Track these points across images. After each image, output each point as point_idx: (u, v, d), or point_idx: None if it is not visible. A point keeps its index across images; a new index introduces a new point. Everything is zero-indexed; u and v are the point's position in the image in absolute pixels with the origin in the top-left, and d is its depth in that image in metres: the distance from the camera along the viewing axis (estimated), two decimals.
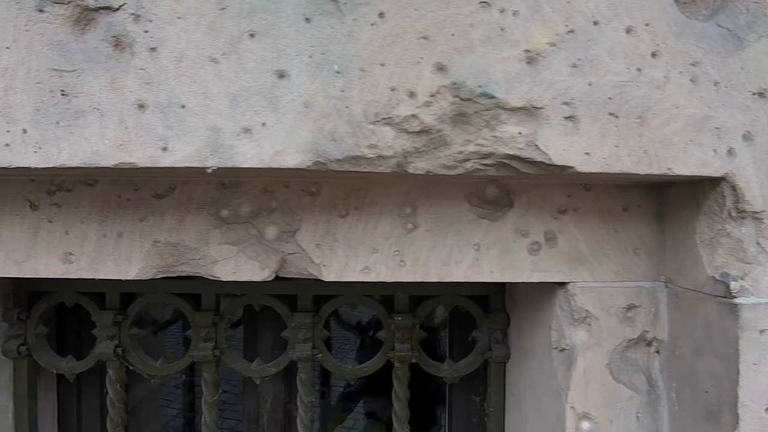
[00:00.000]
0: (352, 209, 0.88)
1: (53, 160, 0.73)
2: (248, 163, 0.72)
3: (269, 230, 0.89)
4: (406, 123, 0.73)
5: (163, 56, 0.73)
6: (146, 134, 0.72)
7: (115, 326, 1.20)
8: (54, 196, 0.89)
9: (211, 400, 1.23)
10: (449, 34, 0.73)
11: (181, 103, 0.72)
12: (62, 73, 0.73)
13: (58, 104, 0.73)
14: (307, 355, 1.18)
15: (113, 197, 0.89)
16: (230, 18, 0.73)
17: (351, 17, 0.73)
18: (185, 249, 0.89)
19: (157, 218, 0.88)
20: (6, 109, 0.74)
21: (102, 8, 0.74)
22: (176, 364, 1.25)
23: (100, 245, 0.89)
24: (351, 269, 0.88)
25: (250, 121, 0.72)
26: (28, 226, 0.89)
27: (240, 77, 0.72)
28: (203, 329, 1.20)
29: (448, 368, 1.22)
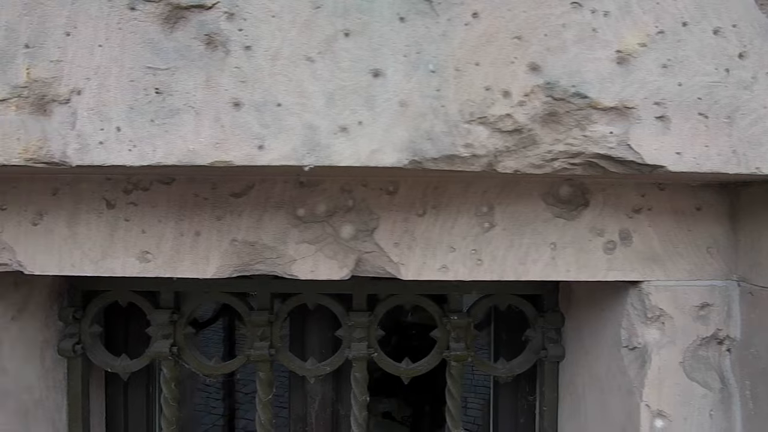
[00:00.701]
0: (429, 208, 0.88)
1: (148, 158, 0.73)
2: (345, 162, 0.72)
3: (345, 229, 0.89)
4: (500, 122, 0.73)
5: (258, 55, 0.73)
6: (242, 132, 0.72)
7: (170, 325, 1.20)
8: (130, 194, 0.89)
9: (265, 399, 1.23)
10: (542, 34, 0.74)
11: (277, 101, 0.72)
12: (156, 71, 0.73)
13: (153, 102, 0.73)
14: (363, 354, 1.19)
15: (190, 196, 0.89)
16: (325, 17, 0.73)
17: (445, 17, 0.73)
18: (262, 248, 0.89)
19: (235, 217, 0.88)
20: (99, 107, 0.74)
21: (194, 6, 0.74)
22: (231, 363, 1.25)
23: (178, 244, 0.89)
24: (429, 268, 0.88)
25: (347, 119, 0.72)
26: (104, 225, 0.89)
27: (336, 76, 0.73)
28: (259, 328, 1.20)
29: (502, 368, 1.23)
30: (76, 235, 0.90)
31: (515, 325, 1.32)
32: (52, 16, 0.75)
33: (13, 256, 0.91)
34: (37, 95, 0.75)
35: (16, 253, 0.90)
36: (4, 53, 0.75)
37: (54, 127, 0.75)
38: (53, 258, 0.90)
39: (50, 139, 0.75)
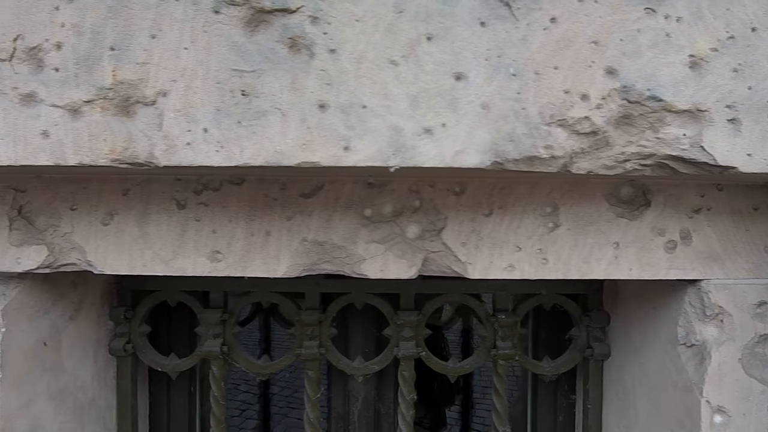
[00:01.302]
0: (496, 208, 0.90)
1: (235, 159, 0.74)
2: (429, 163, 0.74)
3: (411, 229, 0.91)
4: (578, 125, 0.75)
5: (343, 58, 0.74)
6: (328, 134, 0.74)
7: (220, 324, 1.21)
8: (201, 195, 0.90)
9: (314, 397, 1.24)
10: (618, 39, 0.76)
11: (362, 103, 0.74)
12: (242, 73, 0.75)
13: (239, 104, 0.75)
14: (412, 353, 1.20)
15: (260, 196, 0.90)
16: (408, 21, 0.75)
17: (525, 22, 0.75)
18: (332, 247, 0.90)
19: (305, 217, 0.90)
20: (186, 108, 0.75)
21: (277, 10, 0.75)
22: (280, 362, 1.26)
23: (248, 244, 0.90)
24: (495, 267, 0.90)
25: (431, 121, 0.74)
26: (175, 225, 0.90)
27: (419, 79, 0.74)
28: (309, 327, 1.21)
29: (547, 366, 1.25)
30: (146, 235, 0.91)
31: (553, 324, 1.34)
32: (137, 19, 0.76)
33: (82, 255, 0.92)
34: (122, 97, 0.76)
35: (86, 252, 0.91)
36: (90, 55, 0.76)
37: (139, 128, 0.76)
38: (124, 258, 0.91)
39: (135, 140, 0.76)
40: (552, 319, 1.34)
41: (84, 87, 0.76)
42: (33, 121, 0.76)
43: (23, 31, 0.77)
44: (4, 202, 0.92)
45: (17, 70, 0.77)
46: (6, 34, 0.77)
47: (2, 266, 0.92)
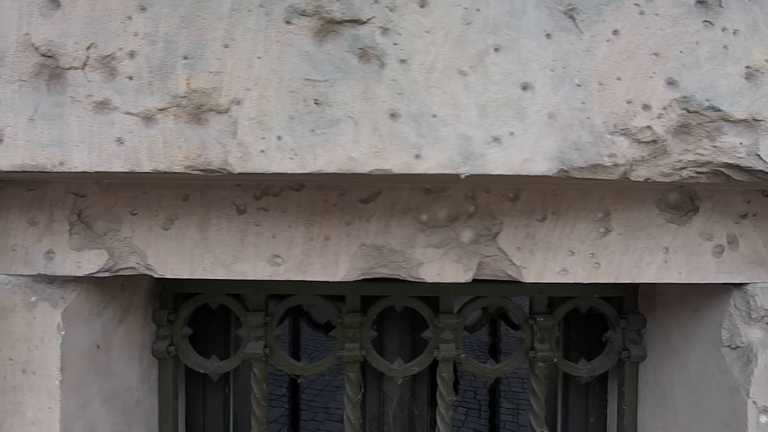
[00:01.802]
0: (549, 213, 0.92)
1: (309, 167, 0.76)
2: (498, 171, 0.76)
3: (465, 233, 0.93)
4: (640, 134, 0.78)
5: (413, 68, 0.76)
6: (400, 142, 0.76)
7: (262, 327, 1.22)
8: (261, 200, 0.92)
9: (354, 398, 1.26)
10: (678, 51, 0.78)
11: (433, 112, 0.76)
12: (315, 83, 0.76)
13: (312, 113, 0.76)
14: (452, 355, 1.22)
15: (320, 202, 0.92)
16: (476, 32, 0.77)
17: (588, 34, 0.77)
18: (389, 252, 0.92)
19: (364, 222, 0.92)
20: (260, 116, 0.77)
21: (347, 21, 0.77)
22: (321, 364, 1.27)
23: (308, 248, 0.92)
24: (549, 271, 0.92)
25: (499, 130, 0.76)
26: (235, 230, 0.92)
27: (488, 89, 0.76)
28: (350, 330, 1.23)
29: (584, 368, 1.27)
30: (207, 239, 0.92)
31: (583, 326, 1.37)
32: (209, 29, 0.77)
33: (141, 260, 0.94)
34: (195, 105, 0.77)
35: (146, 257, 0.93)
36: (163, 64, 0.78)
37: (212, 135, 0.77)
38: (184, 262, 0.92)
39: (208, 148, 0.77)
40: (582, 322, 1.37)
41: (158, 95, 0.77)
42: (107, 128, 0.78)
43: (96, 39, 0.78)
44: (64, 207, 0.93)
45: (90, 78, 0.79)
46: (79, 42, 0.79)
47: (63, 270, 0.93)
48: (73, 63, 0.79)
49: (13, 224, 0.94)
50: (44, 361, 0.94)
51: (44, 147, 0.79)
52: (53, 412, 0.93)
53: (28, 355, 0.94)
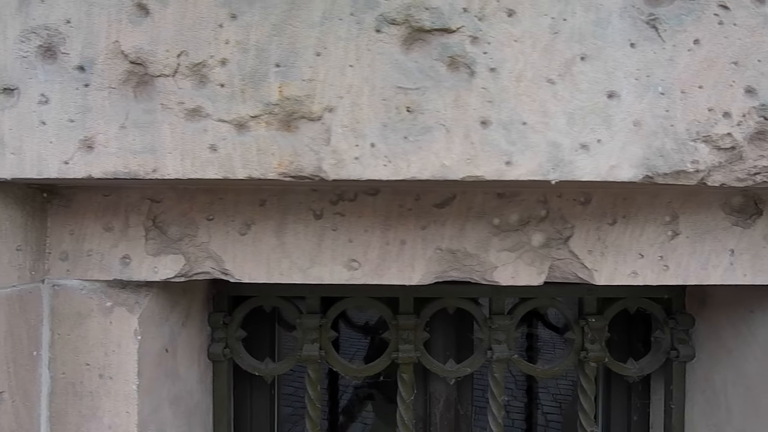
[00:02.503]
0: (619, 217, 0.94)
1: (402, 173, 0.77)
2: (586, 177, 0.78)
3: (536, 237, 0.95)
4: (720, 141, 0.80)
5: (503, 76, 0.78)
6: (491, 149, 0.77)
7: (317, 329, 1.24)
8: (337, 205, 0.93)
9: (408, 399, 1.28)
10: (756, 60, 0.81)
11: (522, 120, 0.78)
12: (407, 90, 0.78)
13: (405, 120, 0.78)
14: (505, 356, 1.24)
15: (395, 207, 0.93)
16: (563, 42, 0.78)
17: (671, 43, 0.80)
18: (463, 255, 0.94)
19: (439, 226, 0.93)
20: (353, 124, 0.78)
21: (436, 30, 0.79)
22: (375, 365, 1.29)
23: (384, 252, 0.93)
24: (620, 273, 0.94)
25: (587, 137, 0.78)
26: (312, 235, 0.93)
27: (575, 97, 0.78)
28: (405, 331, 1.25)
29: (632, 368, 1.30)
30: (284, 244, 0.93)
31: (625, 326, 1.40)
32: (301, 37, 0.79)
33: (217, 264, 0.94)
34: (287, 112, 0.79)
35: (223, 262, 0.94)
36: (255, 72, 0.79)
37: (304, 142, 0.79)
38: (261, 267, 0.93)
39: (300, 155, 0.79)
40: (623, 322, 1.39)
41: (251, 102, 0.78)
42: (200, 135, 0.79)
43: (187, 47, 0.79)
44: (140, 213, 0.94)
45: (180, 85, 0.80)
46: (170, 50, 0.79)
47: (139, 275, 0.94)
48: (164, 70, 0.80)
49: (88, 230, 0.95)
50: (121, 366, 0.94)
51: (136, 154, 0.79)
52: (131, 416, 0.94)
53: (104, 360, 0.94)
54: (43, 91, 0.81)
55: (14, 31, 0.81)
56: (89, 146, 0.80)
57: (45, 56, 0.82)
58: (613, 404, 1.45)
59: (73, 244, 0.95)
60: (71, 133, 0.80)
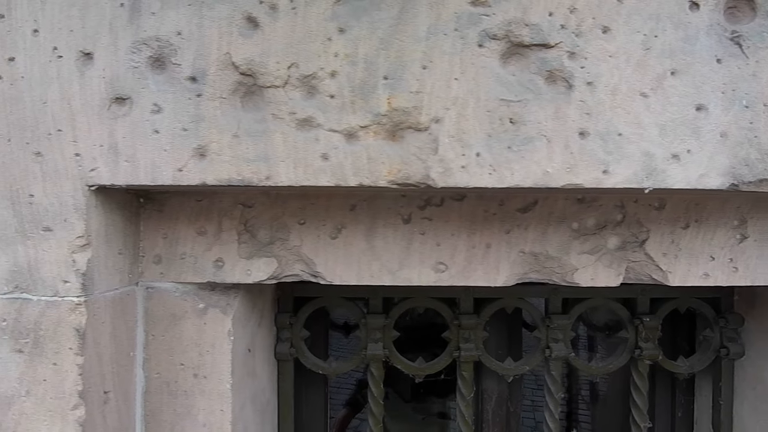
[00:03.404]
0: (692, 221, 0.99)
1: (506, 181, 0.81)
2: (677, 185, 0.82)
3: (611, 240, 0.99)
4: None
5: (599, 89, 0.82)
6: (589, 159, 0.82)
7: (381, 329, 1.27)
8: (425, 210, 0.97)
9: (468, 396, 1.32)
10: None
11: (618, 131, 0.82)
12: (509, 103, 0.82)
13: (508, 131, 0.82)
14: (563, 355, 1.29)
15: (480, 211, 0.97)
16: (654, 57, 0.83)
17: (754, 59, 0.84)
18: (545, 258, 0.98)
19: (522, 230, 0.97)
20: (459, 134, 0.82)
21: (535, 45, 0.83)
22: (436, 363, 1.33)
23: (470, 255, 0.97)
24: (692, 275, 0.99)
25: (677, 148, 0.83)
26: (401, 238, 0.97)
27: (666, 109, 0.83)
28: (466, 331, 1.29)
29: (683, 365, 1.35)
30: (373, 247, 0.97)
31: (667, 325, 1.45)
32: (408, 51, 0.82)
33: (307, 267, 0.98)
34: (394, 123, 0.82)
35: (315, 264, 0.97)
36: (365, 84, 0.82)
37: (411, 151, 0.82)
38: (352, 269, 0.97)
39: (408, 163, 0.82)
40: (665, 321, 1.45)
41: (361, 113, 0.82)
42: (312, 144, 0.82)
43: (297, 59, 0.83)
44: (232, 217, 0.97)
45: (290, 96, 0.83)
46: (280, 62, 0.83)
47: (233, 278, 0.97)
48: (275, 82, 0.83)
49: (181, 234, 0.98)
50: (215, 366, 0.97)
51: (250, 162, 0.83)
52: (225, 414, 0.97)
53: (199, 360, 0.97)
54: (156, 101, 0.84)
55: (126, 42, 0.84)
56: (202, 154, 0.83)
57: (154, 66, 0.85)
58: (657, 401, 1.51)
59: (167, 248, 0.98)
60: (185, 142, 0.83)
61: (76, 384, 0.82)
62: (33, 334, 0.83)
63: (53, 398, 0.83)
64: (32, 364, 0.83)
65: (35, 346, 0.83)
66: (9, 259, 0.84)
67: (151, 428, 0.98)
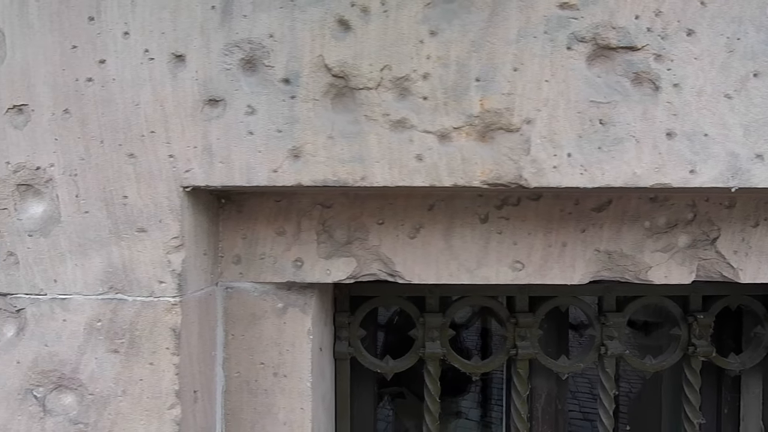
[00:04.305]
0: (762, 220, 1.01)
1: (598, 181, 0.83)
2: (762, 184, 0.84)
3: (682, 239, 1.01)
4: None
5: (685, 91, 0.84)
6: (677, 159, 0.84)
7: (439, 328, 1.29)
8: (501, 209, 0.99)
9: (524, 394, 1.34)
10: None
11: (704, 132, 0.84)
12: (599, 104, 0.84)
13: (598, 132, 0.84)
14: (619, 352, 1.31)
15: (556, 211, 0.99)
16: (737, 60, 0.85)
17: None
18: (619, 256, 1.00)
19: (597, 229, 0.99)
20: (551, 135, 0.83)
21: (621, 47, 0.85)
22: (492, 362, 1.34)
23: (546, 254, 0.99)
24: (763, 273, 1.01)
25: (761, 148, 0.85)
26: (478, 238, 0.98)
27: (749, 110, 0.85)
28: (522, 329, 1.30)
29: (735, 362, 1.38)
30: (451, 247, 0.98)
31: None
32: (499, 53, 0.84)
33: (385, 266, 0.99)
34: (485, 124, 0.84)
35: (394, 264, 0.98)
36: (457, 86, 0.84)
37: (502, 152, 0.84)
38: (431, 268, 0.98)
39: (499, 164, 0.84)
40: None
41: (454, 115, 0.83)
42: (407, 145, 0.83)
43: (390, 62, 0.84)
44: (311, 218, 0.98)
45: (383, 98, 0.84)
46: (373, 64, 0.84)
47: (312, 277, 0.98)
48: (367, 84, 0.84)
49: (261, 234, 0.98)
50: (295, 365, 0.98)
51: (345, 163, 0.84)
52: (305, 412, 0.98)
53: (279, 359, 0.98)
54: (250, 102, 0.85)
55: (218, 45, 0.85)
56: (296, 155, 0.84)
57: (245, 69, 0.86)
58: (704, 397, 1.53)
59: (246, 248, 0.99)
60: (279, 143, 0.84)
61: (173, 383, 0.83)
62: (128, 335, 0.84)
63: (150, 398, 0.84)
64: (128, 364, 0.84)
65: (131, 346, 0.84)
66: (103, 260, 0.85)
67: (231, 427, 0.99)
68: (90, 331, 0.84)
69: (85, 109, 0.86)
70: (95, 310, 0.84)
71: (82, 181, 0.86)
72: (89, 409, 0.84)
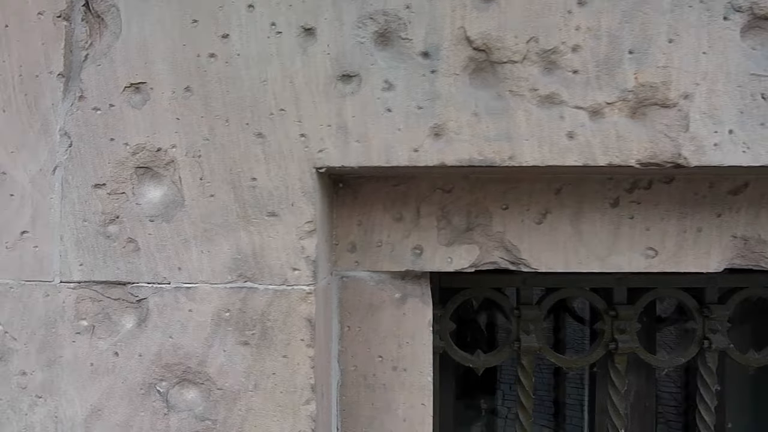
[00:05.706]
0: None
1: (762, 160, 0.78)
2: None
3: None
4: None
5: None
6: None
7: (534, 320, 1.23)
8: (632, 193, 0.93)
9: (622, 389, 1.28)
10: None
11: None
12: (760, 77, 0.78)
13: (760, 107, 0.78)
14: (723, 346, 1.26)
15: (690, 194, 0.93)
16: None
17: None
18: (755, 242, 0.95)
19: (733, 213, 0.94)
20: (711, 111, 0.78)
21: None
22: (589, 356, 1.29)
23: (680, 240, 0.93)
24: None
25: None
26: (608, 223, 0.93)
27: None
28: (622, 322, 1.25)
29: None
30: (580, 233, 0.93)
31: None
32: (652, 24, 0.78)
33: (508, 254, 0.94)
34: (638, 99, 0.78)
35: (519, 251, 0.93)
36: (609, 58, 0.78)
37: (657, 129, 0.79)
38: (559, 255, 0.93)
39: (654, 141, 0.79)
40: None
41: (606, 89, 0.78)
42: (557, 122, 0.78)
43: (536, 33, 0.79)
44: (431, 203, 0.93)
45: (529, 72, 0.79)
46: (518, 36, 0.79)
47: (432, 266, 0.93)
48: (513, 57, 0.79)
49: (377, 220, 0.93)
50: (416, 358, 0.93)
51: (491, 141, 0.78)
52: (426, 408, 0.93)
53: (398, 352, 0.93)
54: (387, 77, 0.79)
55: (351, 17, 0.80)
56: (437, 133, 0.79)
57: (378, 42, 0.80)
58: None
59: (362, 236, 0.93)
60: (420, 121, 0.79)
61: (308, 377, 0.78)
62: (260, 326, 0.79)
63: (283, 392, 0.79)
64: (260, 357, 0.79)
65: (263, 338, 0.79)
66: (231, 246, 0.79)
67: (347, 423, 0.93)
68: (218, 322, 0.79)
69: (208, 86, 0.81)
70: (223, 299, 0.79)
71: (207, 162, 0.80)
72: (217, 405, 0.79)
